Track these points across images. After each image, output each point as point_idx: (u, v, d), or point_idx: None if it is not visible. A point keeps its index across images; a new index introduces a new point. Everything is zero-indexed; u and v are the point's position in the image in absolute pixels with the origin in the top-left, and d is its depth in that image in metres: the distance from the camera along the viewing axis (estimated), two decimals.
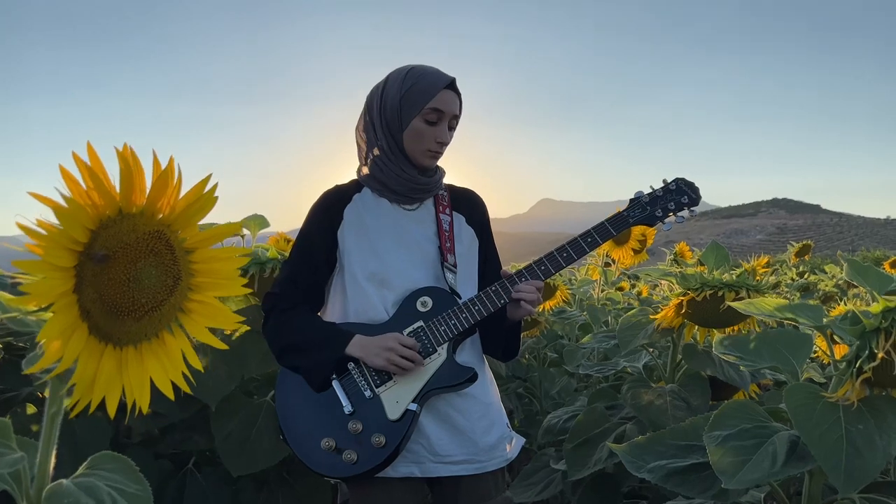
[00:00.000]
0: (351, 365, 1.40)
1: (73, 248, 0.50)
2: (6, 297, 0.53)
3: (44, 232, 0.47)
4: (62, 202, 0.48)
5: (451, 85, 1.46)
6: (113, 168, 0.51)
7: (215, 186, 0.58)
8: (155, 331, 0.58)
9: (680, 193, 1.50)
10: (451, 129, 1.50)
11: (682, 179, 1.50)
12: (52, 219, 0.48)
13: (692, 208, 1.50)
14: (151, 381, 0.58)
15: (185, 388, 0.59)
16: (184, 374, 0.60)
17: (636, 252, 3.15)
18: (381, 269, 1.45)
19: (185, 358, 0.60)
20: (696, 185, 1.50)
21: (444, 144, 1.47)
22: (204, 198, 0.57)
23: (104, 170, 0.50)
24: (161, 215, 0.56)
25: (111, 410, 0.54)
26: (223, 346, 0.61)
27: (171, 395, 0.57)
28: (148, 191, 0.54)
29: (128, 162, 0.51)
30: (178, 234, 0.58)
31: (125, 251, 0.53)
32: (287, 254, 1.88)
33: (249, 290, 0.62)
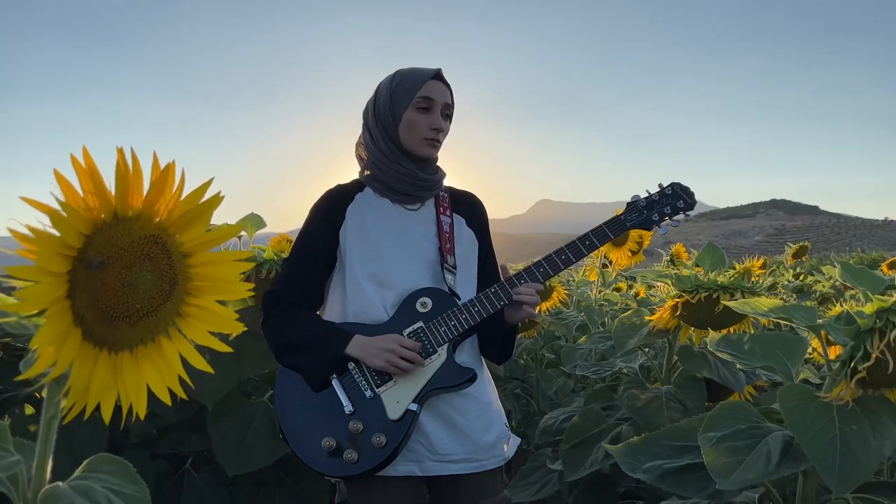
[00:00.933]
0: (351, 365, 1.41)
1: (67, 253, 0.49)
2: (5, 301, 0.52)
3: (36, 237, 0.46)
4: (56, 206, 0.47)
5: (439, 76, 1.48)
6: (109, 171, 0.50)
7: (219, 193, 0.57)
8: (151, 335, 0.57)
9: (676, 198, 1.52)
10: (447, 118, 1.52)
11: (678, 184, 1.53)
12: (45, 223, 0.47)
13: (687, 212, 1.53)
14: (148, 387, 0.57)
15: (181, 393, 0.58)
16: (181, 378, 0.59)
17: (633, 253, 3.16)
18: (381, 270, 1.46)
19: (185, 361, 0.59)
20: (692, 189, 1.52)
21: (440, 131, 1.48)
22: (206, 202, 0.56)
23: (100, 173, 0.49)
24: (158, 219, 0.55)
25: (106, 416, 0.53)
26: (226, 349, 0.59)
27: (167, 401, 0.57)
28: (145, 193, 0.53)
29: (126, 164, 0.50)
30: (175, 237, 0.57)
31: (120, 256, 0.52)
32: (285, 254, 1.89)
33: (251, 294, 0.60)
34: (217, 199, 0.57)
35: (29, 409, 1.72)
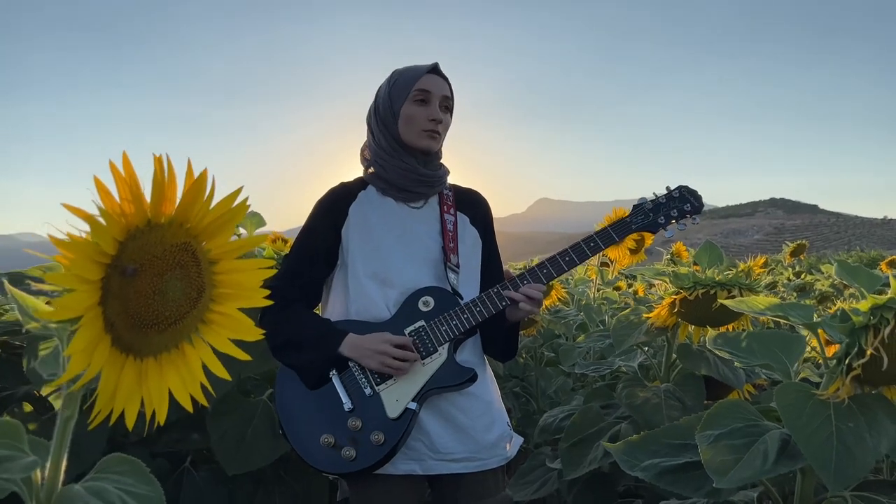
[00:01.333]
0: (352, 362, 1.41)
1: (102, 260, 0.49)
2: (40, 309, 0.52)
3: (72, 242, 0.47)
4: (95, 213, 0.47)
5: (435, 70, 1.49)
6: (108, 170, 0.50)
7: (245, 201, 0.57)
8: (176, 342, 0.58)
9: (683, 201, 1.52)
10: (447, 110, 1.52)
11: (685, 187, 1.53)
12: (80, 227, 0.47)
13: (694, 216, 1.52)
14: (170, 393, 0.57)
15: (202, 400, 0.58)
16: (202, 384, 0.59)
17: (633, 252, 3.16)
18: (384, 268, 1.46)
19: (205, 368, 0.60)
20: (699, 192, 1.52)
21: (439, 122, 1.49)
22: (233, 210, 0.57)
23: (138, 181, 0.50)
24: (189, 226, 0.55)
25: (130, 422, 0.54)
26: (245, 357, 0.60)
27: (189, 408, 0.57)
28: (178, 201, 0.53)
29: (162, 172, 0.50)
30: (203, 244, 0.57)
31: (152, 264, 0.53)
32: (283, 253, 1.89)
33: (271, 302, 0.62)
34: (244, 207, 0.57)
35: (27, 407, 1.72)
